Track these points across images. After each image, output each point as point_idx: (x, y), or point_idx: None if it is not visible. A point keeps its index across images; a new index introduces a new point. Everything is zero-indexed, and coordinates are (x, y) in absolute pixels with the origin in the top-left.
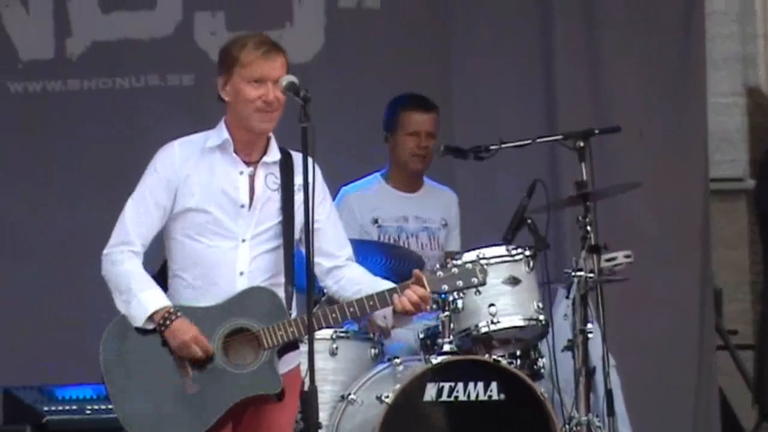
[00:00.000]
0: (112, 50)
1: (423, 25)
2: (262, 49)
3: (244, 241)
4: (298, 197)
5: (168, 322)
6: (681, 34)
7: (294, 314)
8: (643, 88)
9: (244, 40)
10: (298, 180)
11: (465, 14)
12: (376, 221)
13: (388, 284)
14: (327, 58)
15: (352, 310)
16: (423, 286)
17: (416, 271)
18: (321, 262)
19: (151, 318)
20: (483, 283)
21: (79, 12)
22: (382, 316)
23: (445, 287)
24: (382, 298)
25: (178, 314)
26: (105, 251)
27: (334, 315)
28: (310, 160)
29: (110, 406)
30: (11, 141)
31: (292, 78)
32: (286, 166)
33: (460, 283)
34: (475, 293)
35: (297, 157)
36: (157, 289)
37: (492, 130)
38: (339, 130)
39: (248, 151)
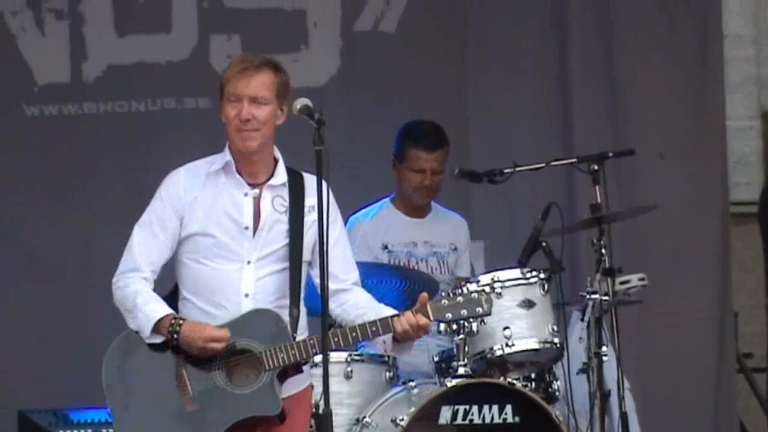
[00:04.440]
0: (128, 74)
1: (438, 48)
2: (240, 67)
3: (249, 263)
4: (309, 218)
5: (176, 335)
6: (698, 57)
7: (304, 337)
8: (661, 111)
9: (235, 60)
10: (309, 201)
11: (481, 37)
12: (385, 247)
13: (392, 310)
14: (342, 82)
15: (354, 334)
16: (426, 314)
17: (422, 297)
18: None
19: (157, 329)
20: (488, 314)
21: (94, 35)
22: (382, 341)
23: (449, 316)
24: (385, 324)
25: (182, 320)
26: (114, 279)
27: (336, 339)
28: (324, 183)
29: None
30: (27, 164)
31: (305, 101)
32: (295, 187)
33: (464, 312)
34: (481, 323)
35: (308, 179)
36: (162, 302)
37: (508, 153)
38: (353, 154)
39: (252, 172)
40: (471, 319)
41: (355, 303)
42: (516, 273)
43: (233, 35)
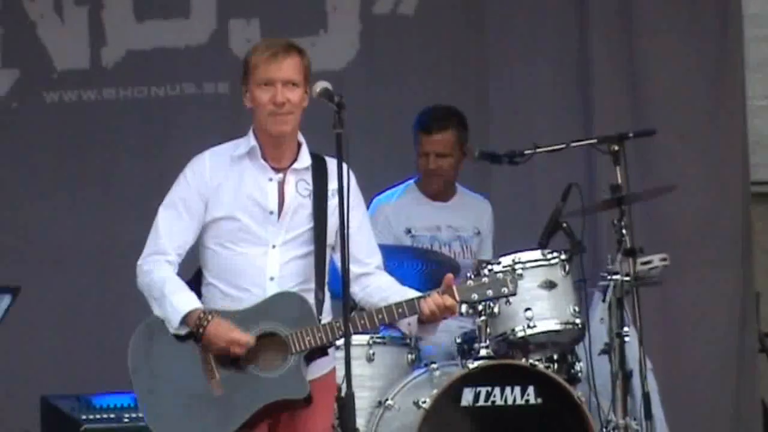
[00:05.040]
0: (147, 59)
1: (458, 30)
2: (269, 52)
3: (274, 247)
4: (332, 202)
5: (202, 329)
6: (718, 37)
7: (327, 318)
8: (681, 92)
9: (258, 45)
10: (332, 185)
11: (501, 19)
12: (409, 231)
13: (416, 293)
14: (362, 65)
15: (380, 316)
16: (452, 295)
17: (447, 278)
18: (350, 268)
19: (185, 321)
20: (513, 293)
21: (113, 21)
22: (407, 323)
23: (475, 296)
24: (411, 306)
25: (210, 316)
26: (139, 262)
27: (362, 321)
28: (344, 166)
29: None
30: (47, 150)
31: (325, 84)
32: (319, 171)
33: (490, 292)
34: (506, 303)
35: (331, 163)
36: (189, 292)
37: (529, 134)
38: (374, 137)
39: (277, 156)
40: (497, 300)
41: (378, 286)
42: (537, 254)
43: (252, 19)
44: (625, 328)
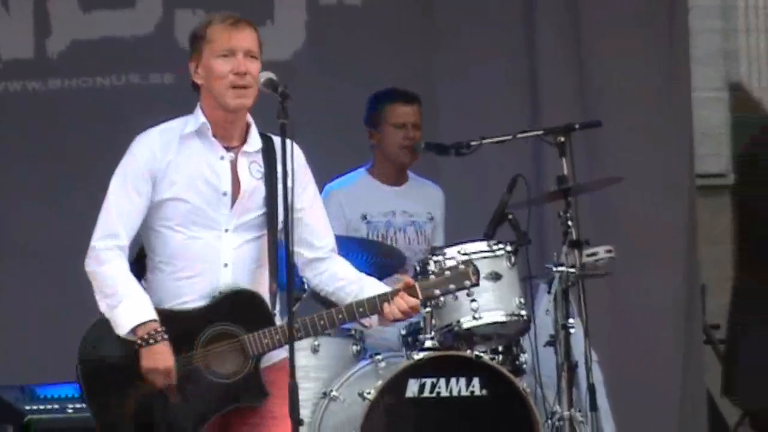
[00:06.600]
0: (92, 49)
1: (406, 21)
2: (230, 20)
3: (227, 231)
4: (282, 186)
5: (151, 341)
6: (665, 30)
7: (278, 309)
8: (628, 84)
9: (210, 17)
10: (282, 167)
11: (448, 10)
12: (364, 217)
13: (373, 282)
14: (308, 55)
15: (341, 316)
16: (415, 295)
17: (408, 280)
18: (302, 253)
19: (134, 329)
20: (476, 285)
21: (59, 11)
22: (367, 319)
23: (438, 292)
24: (372, 305)
25: (164, 336)
26: (93, 243)
27: (322, 322)
28: (297, 149)
29: None
30: None
31: (270, 74)
32: (267, 152)
33: (452, 286)
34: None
35: (278, 143)
36: (145, 297)
37: (477, 125)
38: (320, 127)
39: (227, 136)
40: (458, 293)
41: (333, 273)
42: (482, 245)
43: (197, 10)
44: (571, 320)
